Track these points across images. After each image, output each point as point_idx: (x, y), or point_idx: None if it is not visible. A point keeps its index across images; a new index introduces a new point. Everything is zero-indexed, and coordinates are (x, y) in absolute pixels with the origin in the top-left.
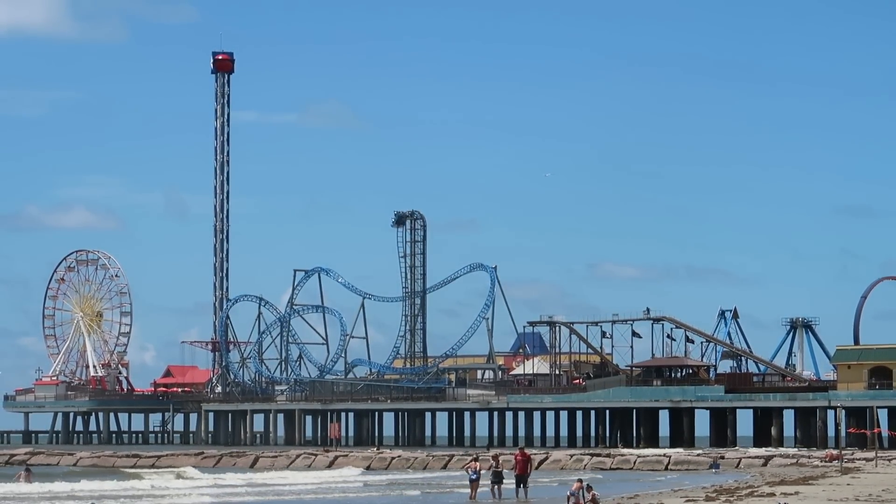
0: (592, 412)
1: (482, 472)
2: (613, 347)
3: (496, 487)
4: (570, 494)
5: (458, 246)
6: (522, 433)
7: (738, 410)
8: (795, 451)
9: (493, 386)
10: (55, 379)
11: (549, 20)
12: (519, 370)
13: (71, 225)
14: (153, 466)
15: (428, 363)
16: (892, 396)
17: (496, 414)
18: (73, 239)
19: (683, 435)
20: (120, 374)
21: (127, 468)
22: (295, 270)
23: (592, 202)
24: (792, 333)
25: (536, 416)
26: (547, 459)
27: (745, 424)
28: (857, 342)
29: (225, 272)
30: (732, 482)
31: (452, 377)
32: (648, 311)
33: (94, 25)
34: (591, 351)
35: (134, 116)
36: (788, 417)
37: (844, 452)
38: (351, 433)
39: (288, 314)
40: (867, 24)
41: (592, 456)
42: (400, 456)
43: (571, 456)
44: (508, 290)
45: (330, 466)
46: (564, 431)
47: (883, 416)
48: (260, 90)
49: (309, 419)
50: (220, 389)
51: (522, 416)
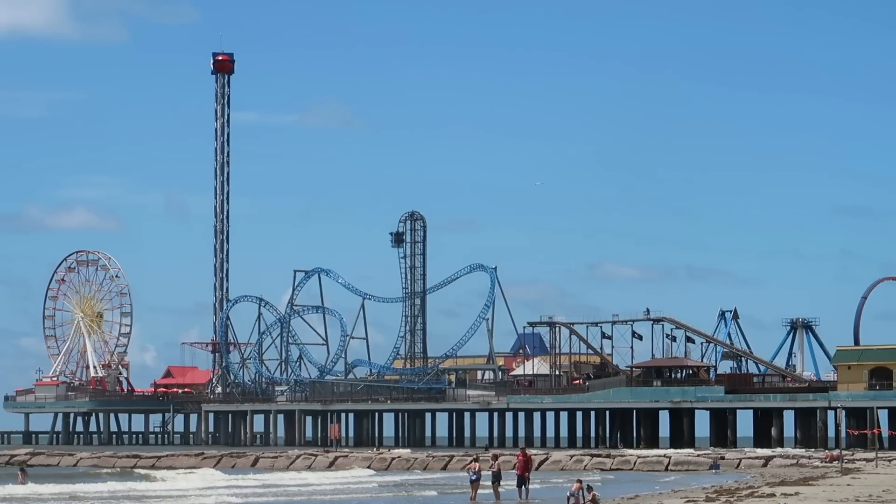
0: (592, 413)
1: (482, 472)
2: (613, 348)
3: (496, 487)
4: (570, 495)
5: (458, 246)
6: (522, 434)
7: (738, 411)
8: (796, 451)
9: (493, 386)
10: (55, 379)
11: (549, 20)
12: (519, 371)
13: (71, 225)
14: (153, 467)
15: (428, 364)
16: (892, 397)
17: (496, 414)
18: (73, 239)
19: (683, 435)
20: (120, 374)
21: (146, 468)
22: (295, 271)
23: (592, 203)
24: (792, 334)
25: (536, 416)
26: (547, 460)
27: (745, 425)
28: (857, 343)
29: (225, 273)
30: (732, 483)
31: (452, 378)
32: (648, 311)
33: (94, 26)
34: (591, 351)
35: (134, 117)
36: (789, 418)
37: (845, 453)
38: (351, 434)
39: (288, 315)
40: (867, 24)
41: (593, 457)
42: (400, 457)
43: (572, 457)
44: (508, 290)
45: (330, 467)
46: (564, 432)
47: (883, 416)
48: (260, 91)
49: (309, 420)
50: (220, 390)
51: (522, 416)
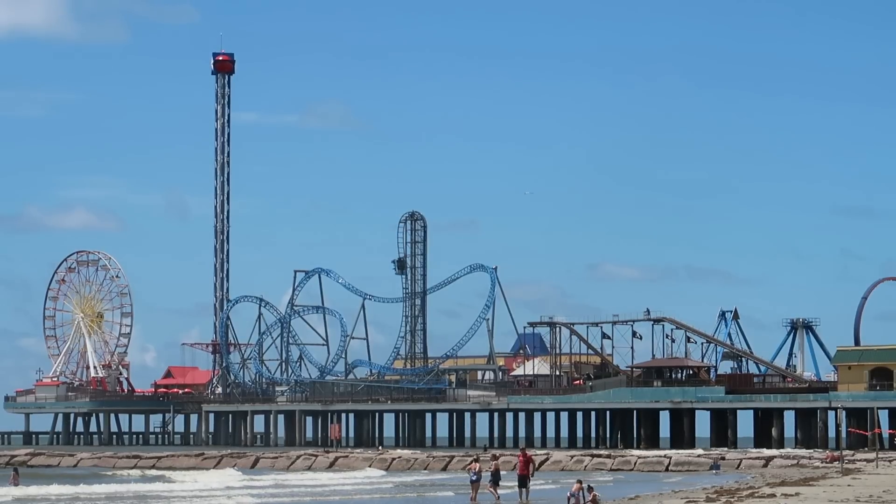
0: (593, 413)
1: (482, 472)
2: (614, 348)
3: (495, 488)
4: (570, 495)
5: (458, 247)
6: (523, 434)
7: (738, 411)
8: (796, 451)
9: (493, 387)
10: (56, 380)
11: (549, 20)
12: (519, 371)
13: (71, 226)
14: (154, 467)
15: (428, 364)
16: (892, 397)
17: (496, 415)
18: (73, 240)
19: (684, 436)
20: (120, 374)
21: (164, 469)
22: (295, 271)
23: (593, 203)
24: (792, 334)
25: (537, 416)
26: (547, 460)
27: (745, 425)
28: (857, 343)
29: (225, 273)
30: (733, 483)
31: (453, 378)
32: (649, 311)
33: (94, 26)
34: (591, 352)
35: (134, 117)
36: (789, 418)
37: (845, 453)
38: (351, 434)
39: (288, 315)
40: (867, 24)
41: (593, 457)
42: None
43: (572, 457)
44: (509, 290)
45: (331, 467)
46: (565, 432)
47: (883, 416)
48: (260, 91)
49: (309, 420)
50: (220, 390)
51: (523, 416)
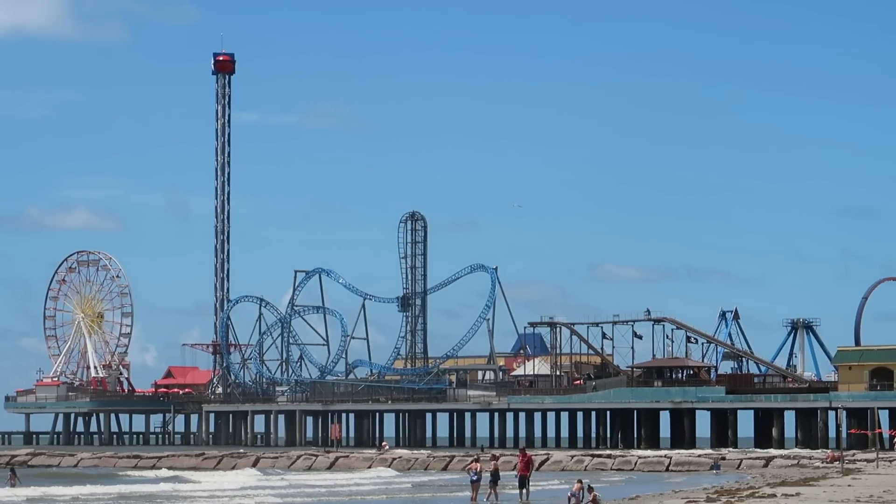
0: (593, 413)
1: (483, 472)
2: (614, 348)
3: (494, 488)
4: (570, 495)
5: (458, 247)
6: (523, 434)
7: (738, 411)
8: (797, 452)
9: (493, 387)
10: (56, 380)
11: (550, 21)
12: (520, 371)
13: (72, 226)
14: (154, 468)
15: (429, 364)
16: (893, 397)
17: (497, 415)
18: (74, 240)
19: (684, 436)
20: (121, 374)
21: (189, 469)
22: (296, 271)
23: (593, 203)
24: (793, 334)
25: (537, 416)
26: (548, 460)
27: (745, 425)
28: (857, 343)
29: (226, 273)
30: (733, 483)
31: (453, 378)
32: (649, 311)
33: (95, 26)
34: (591, 352)
35: (135, 117)
36: (789, 418)
37: (845, 453)
38: (352, 434)
39: (289, 315)
40: (868, 25)
41: (593, 457)
42: (400, 457)
43: (572, 457)
44: (509, 290)
45: (331, 468)
46: (565, 432)
47: (884, 417)
48: (261, 91)
49: (310, 420)
50: (220, 390)
51: (523, 416)
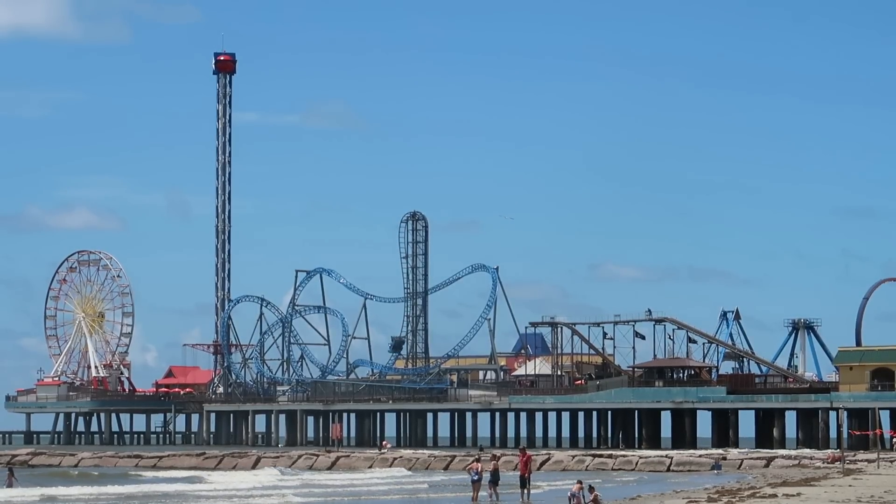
0: (594, 413)
1: (483, 472)
2: (615, 348)
3: (494, 488)
4: (571, 495)
5: (459, 246)
6: (524, 434)
7: (739, 412)
8: (798, 452)
9: (494, 387)
10: (57, 379)
11: (550, 21)
12: (521, 371)
13: (73, 225)
14: (155, 467)
15: (430, 364)
16: (893, 398)
17: (498, 415)
18: (74, 239)
19: (685, 436)
20: (122, 374)
21: (204, 468)
22: (297, 271)
23: (594, 203)
24: (794, 334)
25: (538, 416)
26: (549, 460)
27: (746, 426)
28: (858, 343)
29: (227, 273)
30: (734, 483)
31: (454, 378)
32: (650, 312)
33: (96, 26)
34: (592, 352)
35: (136, 117)
36: (790, 419)
37: (846, 454)
38: (353, 434)
39: (290, 315)
40: (868, 25)
41: (594, 457)
42: (402, 456)
43: (573, 457)
44: (510, 290)
45: (331, 468)
46: (566, 432)
47: (885, 417)
48: (262, 91)
49: (311, 420)
50: (221, 390)
51: (524, 416)
